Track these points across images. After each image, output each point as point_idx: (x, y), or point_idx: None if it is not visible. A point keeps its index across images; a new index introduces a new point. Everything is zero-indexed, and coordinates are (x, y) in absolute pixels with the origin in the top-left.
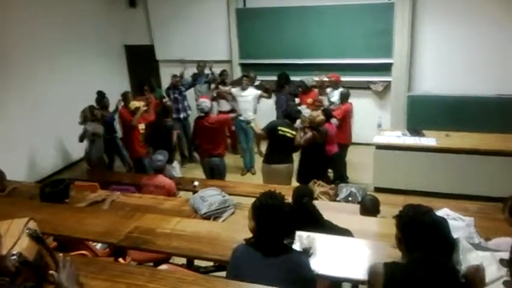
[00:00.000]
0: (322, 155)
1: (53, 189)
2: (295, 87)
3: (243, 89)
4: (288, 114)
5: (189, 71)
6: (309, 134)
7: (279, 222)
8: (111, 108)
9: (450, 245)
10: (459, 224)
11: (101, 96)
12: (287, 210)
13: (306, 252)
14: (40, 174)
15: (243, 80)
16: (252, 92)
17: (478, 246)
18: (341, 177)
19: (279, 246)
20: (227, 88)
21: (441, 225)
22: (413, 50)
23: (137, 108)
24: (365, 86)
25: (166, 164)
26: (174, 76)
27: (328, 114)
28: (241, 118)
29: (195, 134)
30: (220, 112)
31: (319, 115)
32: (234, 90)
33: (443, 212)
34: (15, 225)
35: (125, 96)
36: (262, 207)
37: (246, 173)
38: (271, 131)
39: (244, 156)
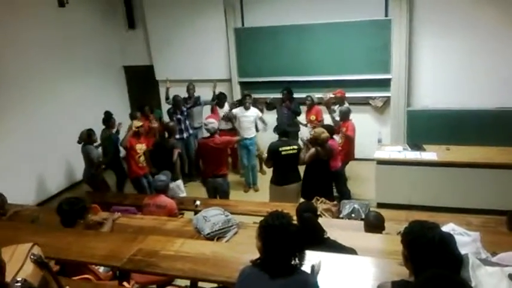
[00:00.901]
0: (327, 171)
1: (70, 207)
2: (296, 104)
3: (246, 108)
4: (283, 132)
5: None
6: (313, 150)
7: (286, 243)
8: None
9: (458, 261)
10: (465, 239)
11: (108, 117)
12: (294, 230)
13: (314, 271)
14: (41, 197)
15: (246, 100)
16: (254, 112)
17: (486, 262)
18: (343, 192)
19: (286, 267)
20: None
21: (448, 241)
22: (411, 65)
23: (141, 127)
24: (364, 102)
25: (171, 183)
26: (176, 96)
27: (330, 131)
28: (245, 136)
29: (198, 155)
30: (220, 131)
31: (323, 132)
32: (237, 111)
33: (449, 227)
34: (19, 251)
35: (133, 117)
36: (269, 227)
37: (248, 189)
38: (274, 154)
39: (246, 173)
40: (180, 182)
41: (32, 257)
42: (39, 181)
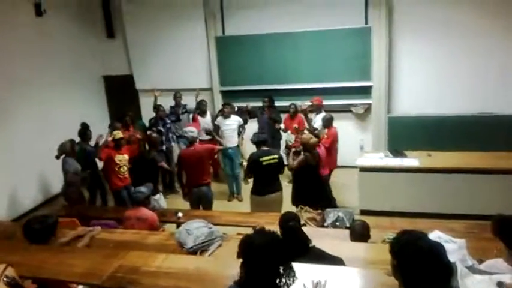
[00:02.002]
0: (317, 177)
1: (42, 225)
2: (276, 113)
3: (226, 117)
4: (260, 141)
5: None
6: (301, 156)
7: (268, 264)
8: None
9: (448, 270)
10: (452, 246)
11: (84, 129)
12: (279, 249)
13: None
14: (17, 212)
15: (224, 109)
16: (235, 120)
17: (474, 270)
18: (329, 200)
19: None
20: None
21: (438, 250)
22: (392, 72)
23: (121, 138)
24: (346, 109)
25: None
26: (159, 106)
27: (329, 120)
28: (227, 145)
29: (180, 165)
30: (200, 141)
31: (312, 137)
32: (218, 120)
33: (435, 234)
34: None
35: (114, 128)
36: (250, 246)
37: (233, 199)
38: (255, 164)
39: (229, 182)
40: (159, 196)
41: (5, 279)
42: (14, 195)
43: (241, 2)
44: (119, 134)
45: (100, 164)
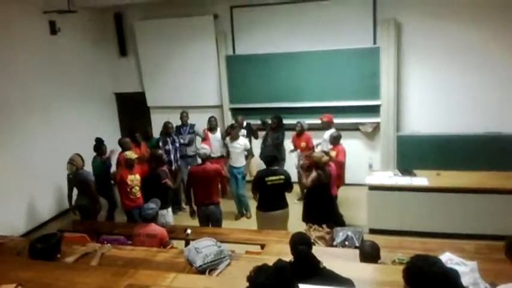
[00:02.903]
0: (328, 195)
1: (45, 244)
2: (281, 133)
3: (233, 139)
4: (270, 160)
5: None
6: (314, 174)
7: None
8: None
9: None
10: (463, 269)
11: (99, 143)
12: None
13: None
14: (27, 227)
15: (232, 131)
16: (242, 142)
17: None
18: (339, 218)
19: None
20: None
21: (452, 277)
22: (400, 90)
23: (132, 157)
24: (354, 128)
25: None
26: (167, 123)
27: (337, 137)
28: (233, 165)
29: (189, 183)
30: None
31: (323, 155)
32: (226, 140)
33: (446, 256)
34: None
35: (123, 143)
36: (252, 283)
37: (240, 217)
38: (260, 182)
39: (236, 202)
40: (166, 212)
41: None
42: (25, 211)
43: (251, 22)
44: (132, 154)
45: None
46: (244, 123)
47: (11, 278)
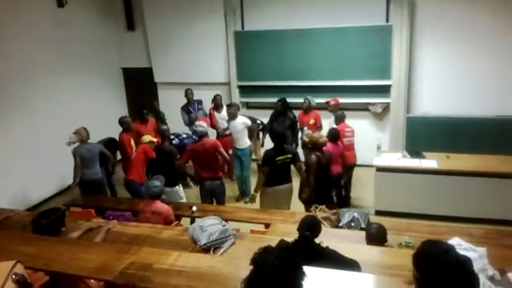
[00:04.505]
0: (327, 175)
1: (51, 218)
2: (289, 116)
3: (231, 118)
4: (279, 137)
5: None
6: (313, 157)
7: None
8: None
9: (474, 285)
10: (472, 255)
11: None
12: (290, 274)
13: None
14: (32, 201)
15: (229, 109)
16: (241, 120)
17: (497, 282)
18: (343, 198)
19: None
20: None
21: (466, 265)
22: (412, 71)
23: (152, 142)
24: (364, 108)
25: (169, 188)
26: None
27: (334, 135)
28: (235, 146)
29: (185, 157)
30: (218, 136)
31: (321, 136)
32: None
33: (455, 241)
34: (0, 270)
35: (123, 122)
36: (261, 267)
37: (240, 199)
38: (269, 162)
39: (238, 183)
40: (178, 188)
41: (14, 277)
42: (30, 185)
43: None
44: (148, 137)
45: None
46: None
47: (14, 252)
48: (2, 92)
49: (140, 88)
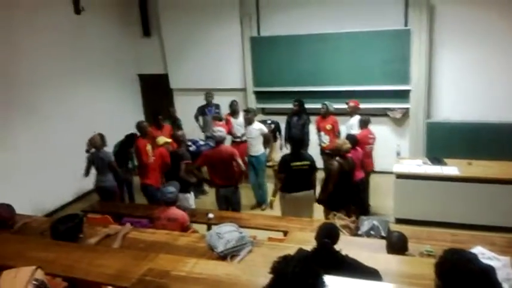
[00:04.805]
0: (350, 182)
1: (69, 224)
2: (304, 118)
3: (248, 124)
4: (295, 143)
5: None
6: (336, 164)
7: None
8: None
9: None
10: (495, 264)
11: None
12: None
13: None
14: (50, 207)
15: (246, 115)
16: (257, 126)
17: None
18: (363, 205)
19: None
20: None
21: (490, 275)
22: (432, 76)
23: (166, 143)
24: (382, 113)
25: (180, 194)
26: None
27: (354, 141)
28: (250, 153)
29: (199, 162)
30: (233, 142)
31: (345, 143)
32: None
33: (478, 250)
34: (21, 275)
35: (140, 127)
36: (281, 277)
37: (256, 207)
38: (285, 167)
39: (254, 191)
40: (189, 196)
41: (34, 282)
42: (48, 191)
43: (277, 3)
44: (163, 139)
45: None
46: (271, 126)
47: (32, 258)
48: (19, 97)
49: (156, 94)
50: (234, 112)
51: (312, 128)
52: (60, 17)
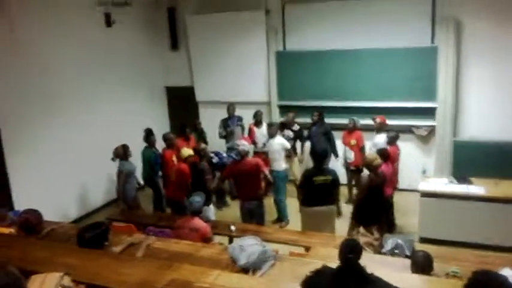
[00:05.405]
0: (381, 197)
1: (95, 231)
2: (327, 128)
3: (270, 137)
4: (318, 156)
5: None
6: (365, 177)
7: None
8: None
9: None
10: None
11: (147, 134)
12: None
13: None
14: (78, 214)
15: (268, 130)
16: (279, 141)
17: None
18: (390, 222)
19: None
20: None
21: None
22: (459, 93)
23: (190, 156)
24: (408, 130)
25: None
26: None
27: (383, 155)
28: (271, 168)
29: (225, 175)
30: (255, 153)
31: (376, 158)
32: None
33: (507, 272)
34: (49, 281)
35: (167, 139)
36: None
37: (276, 222)
38: (307, 181)
39: (275, 207)
40: (207, 208)
41: None
42: (75, 198)
43: (303, 18)
44: (188, 151)
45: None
46: (297, 127)
47: (58, 264)
48: (48, 107)
49: (182, 107)
50: (258, 122)
51: (339, 143)
52: (92, 30)
